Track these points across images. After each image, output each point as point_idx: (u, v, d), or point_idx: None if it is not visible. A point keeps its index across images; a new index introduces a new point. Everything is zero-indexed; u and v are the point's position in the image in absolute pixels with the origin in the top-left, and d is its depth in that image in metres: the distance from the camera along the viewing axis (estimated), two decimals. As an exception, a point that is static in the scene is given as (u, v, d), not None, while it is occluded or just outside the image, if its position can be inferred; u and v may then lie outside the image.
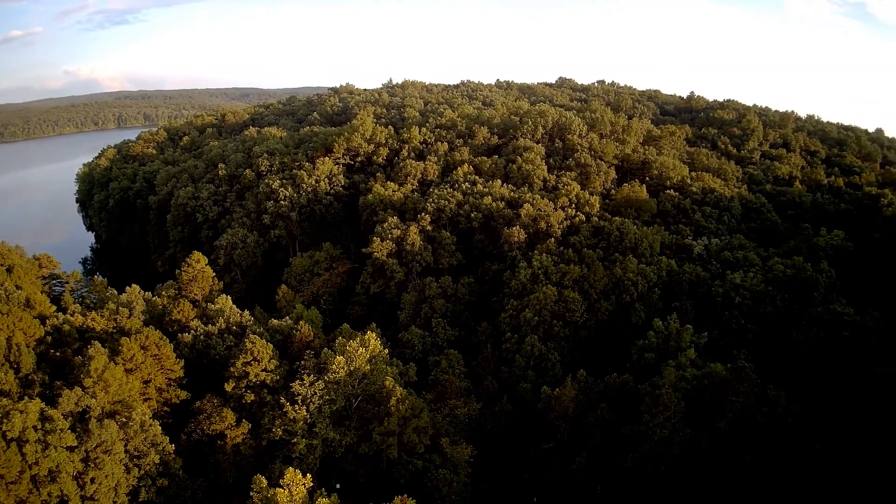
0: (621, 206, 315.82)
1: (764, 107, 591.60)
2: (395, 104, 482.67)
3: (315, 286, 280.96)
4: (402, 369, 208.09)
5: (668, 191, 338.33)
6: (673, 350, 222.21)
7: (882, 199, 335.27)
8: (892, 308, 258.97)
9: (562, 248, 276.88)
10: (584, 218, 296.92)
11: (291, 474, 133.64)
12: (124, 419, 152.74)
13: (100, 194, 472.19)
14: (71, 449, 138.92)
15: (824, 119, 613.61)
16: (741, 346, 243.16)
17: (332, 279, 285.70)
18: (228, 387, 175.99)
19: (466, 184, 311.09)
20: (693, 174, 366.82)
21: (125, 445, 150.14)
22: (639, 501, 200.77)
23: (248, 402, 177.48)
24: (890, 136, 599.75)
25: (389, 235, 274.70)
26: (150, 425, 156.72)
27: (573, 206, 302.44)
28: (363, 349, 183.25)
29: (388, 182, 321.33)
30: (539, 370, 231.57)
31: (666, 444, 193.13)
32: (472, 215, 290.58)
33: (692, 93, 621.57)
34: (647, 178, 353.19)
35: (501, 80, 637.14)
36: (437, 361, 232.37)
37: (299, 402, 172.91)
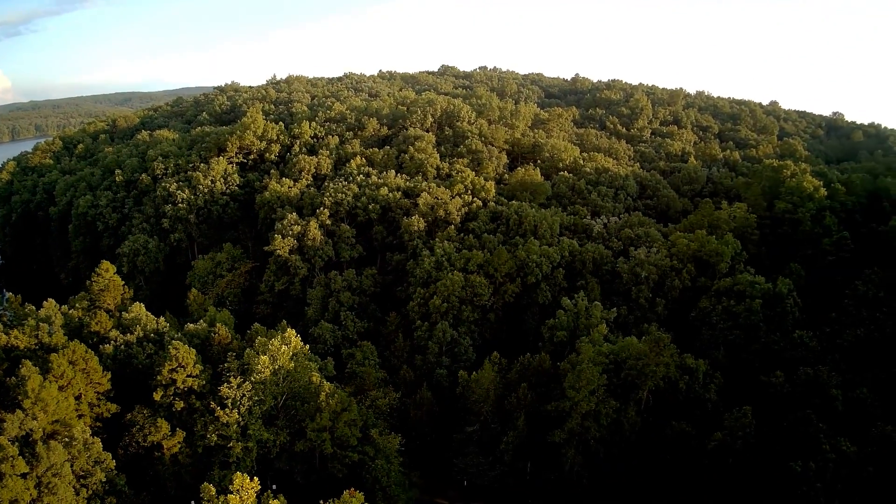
0: (516, 189, 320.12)
1: (651, 85, 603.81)
2: (282, 100, 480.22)
3: (219, 287, 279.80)
4: (321, 364, 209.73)
5: (562, 173, 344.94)
6: (584, 327, 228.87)
7: (785, 170, 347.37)
8: (802, 275, 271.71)
9: (462, 234, 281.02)
10: (481, 204, 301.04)
11: (241, 479, 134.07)
12: (66, 439, 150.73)
13: (2, 209, 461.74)
14: (24, 476, 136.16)
15: (715, 94, 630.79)
16: (651, 319, 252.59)
17: (236, 279, 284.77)
18: (157, 395, 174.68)
19: (361, 176, 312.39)
20: (585, 155, 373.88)
21: (71, 466, 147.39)
22: (567, 475, 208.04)
23: (179, 409, 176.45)
24: (786, 108, 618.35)
25: (290, 232, 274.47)
26: (93, 443, 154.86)
27: (469, 192, 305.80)
28: (286, 347, 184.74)
29: (283, 178, 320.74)
30: (453, 355, 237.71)
31: (594, 416, 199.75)
32: (370, 207, 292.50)
33: (577, 74, 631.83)
34: (539, 161, 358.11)
35: (384, 70, 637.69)
36: (351, 354, 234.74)
37: (229, 405, 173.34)
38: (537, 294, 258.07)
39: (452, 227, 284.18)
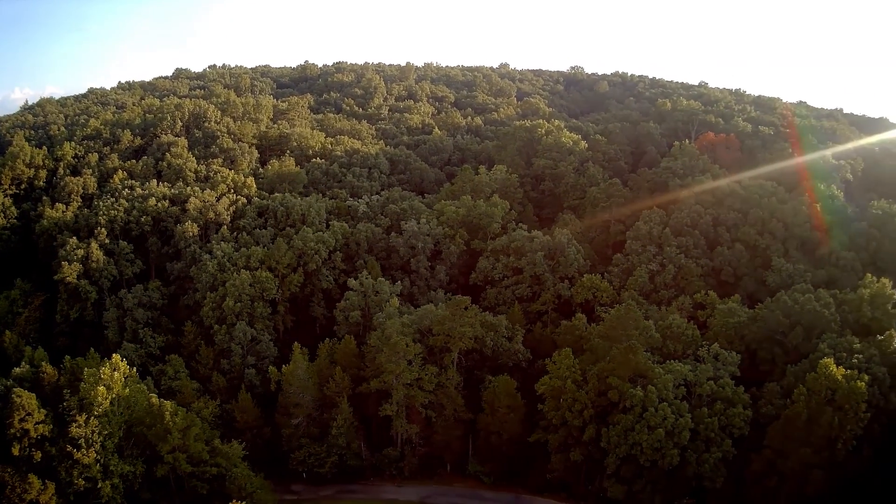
0: (275, 182, 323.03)
1: (378, 63, 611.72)
2: (39, 124, 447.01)
3: (20, 326, 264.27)
4: (144, 385, 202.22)
5: (314, 159, 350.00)
6: (375, 304, 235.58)
7: (539, 128, 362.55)
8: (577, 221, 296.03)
9: (235, 233, 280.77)
10: (245, 200, 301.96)
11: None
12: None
13: None
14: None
15: (444, 65, 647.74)
16: (434, 287, 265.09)
17: (32, 314, 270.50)
18: (16, 450, 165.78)
19: (126, 190, 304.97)
20: (332, 140, 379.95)
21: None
22: (404, 445, 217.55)
23: (38, 459, 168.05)
24: (521, 69, 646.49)
25: (74, 257, 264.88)
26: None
27: (232, 191, 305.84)
28: (117, 373, 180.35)
29: (56, 204, 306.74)
30: (256, 354, 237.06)
31: (417, 384, 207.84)
32: (142, 220, 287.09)
33: (306, 61, 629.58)
34: (289, 151, 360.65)
35: (123, 81, 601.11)
36: (161, 371, 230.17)
37: (83, 445, 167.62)
38: (320, 280, 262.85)
39: (225, 227, 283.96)
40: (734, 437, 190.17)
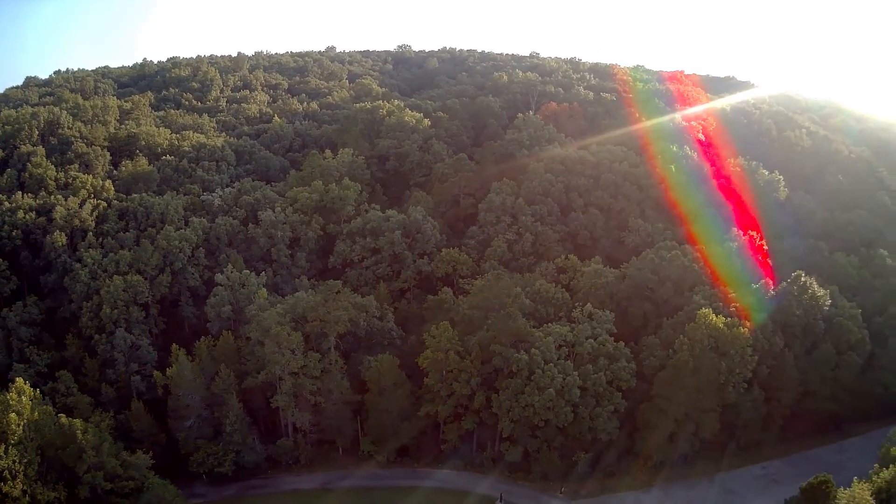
0: (130, 183, 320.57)
1: (211, 55, 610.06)
2: None
3: None
4: (49, 406, 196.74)
5: (164, 156, 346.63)
6: (246, 295, 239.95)
7: (380, 110, 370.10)
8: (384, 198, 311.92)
9: (101, 238, 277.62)
10: (106, 204, 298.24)
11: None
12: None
13: None
14: None
15: (273, 52, 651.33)
16: (296, 274, 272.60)
17: None
18: None
19: None
20: (177, 136, 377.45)
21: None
22: (296, 433, 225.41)
23: None
24: (349, 51, 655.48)
25: None
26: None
27: (93, 195, 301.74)
28: (24, 397, 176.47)
29: None
30: (138, 360, 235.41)
31: (303, 372, 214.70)
32: (13, 234, 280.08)
33: (144, 59, 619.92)
34: (139, 151, 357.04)
35: None
36: (54, 388, 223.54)
37: (9, 476, 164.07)
38: (186, 279, 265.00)
39: (91, 233, 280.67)
40: (622, 391, 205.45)
